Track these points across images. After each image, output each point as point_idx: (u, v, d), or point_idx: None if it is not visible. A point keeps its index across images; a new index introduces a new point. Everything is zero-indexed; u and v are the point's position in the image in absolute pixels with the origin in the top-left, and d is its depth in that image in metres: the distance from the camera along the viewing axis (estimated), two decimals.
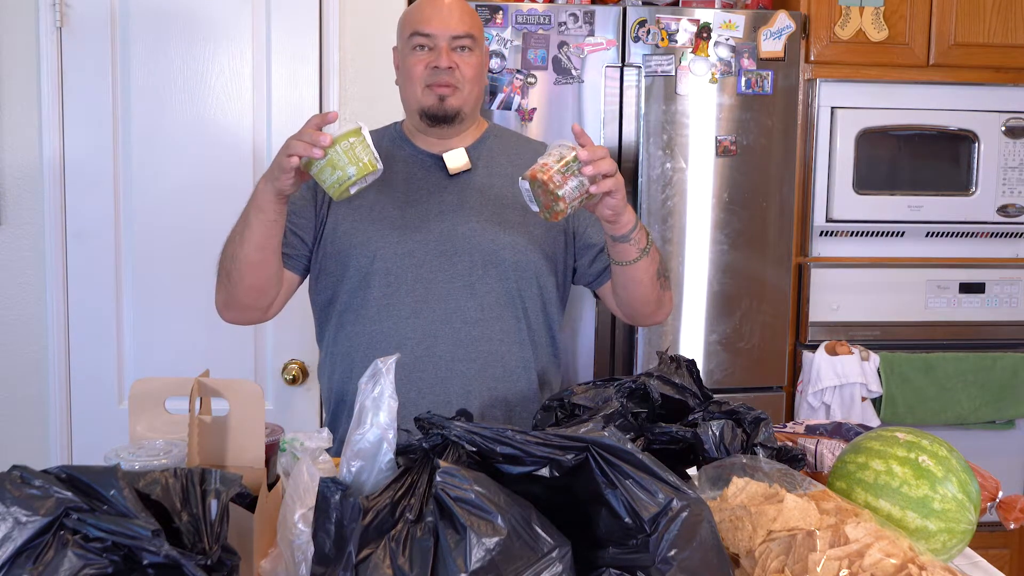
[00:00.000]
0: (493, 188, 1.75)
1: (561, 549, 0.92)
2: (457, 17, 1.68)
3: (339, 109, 2.46)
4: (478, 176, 1.76)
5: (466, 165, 1.74)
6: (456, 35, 1.67)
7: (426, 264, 1.69)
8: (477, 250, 1.70)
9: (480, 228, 1.71)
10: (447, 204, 1.73)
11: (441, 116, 1.70)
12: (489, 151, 1.79)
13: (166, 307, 2.44)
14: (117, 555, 0.91)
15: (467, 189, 1.74)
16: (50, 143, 2.37)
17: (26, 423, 2.44)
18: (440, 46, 1.67)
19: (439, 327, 1.69)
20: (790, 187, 2.68)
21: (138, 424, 1.26)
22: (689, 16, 2.59)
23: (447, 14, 1.68)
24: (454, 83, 1.68)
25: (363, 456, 1.01)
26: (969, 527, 1.23)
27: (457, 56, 1.68)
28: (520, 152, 1.81)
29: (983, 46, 2.78)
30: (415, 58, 1.68)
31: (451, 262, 1.70)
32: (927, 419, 2.74)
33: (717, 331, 2.67)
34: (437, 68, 1.66)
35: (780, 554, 1.04)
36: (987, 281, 2.84)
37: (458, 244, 1.70)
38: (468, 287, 1.70)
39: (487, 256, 1.71)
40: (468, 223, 1.71)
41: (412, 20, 1.70)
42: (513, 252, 1.72)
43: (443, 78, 1.67)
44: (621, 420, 1.37)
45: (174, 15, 2.39)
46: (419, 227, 1.71)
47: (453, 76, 1.67)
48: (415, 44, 1.68)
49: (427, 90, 1.69)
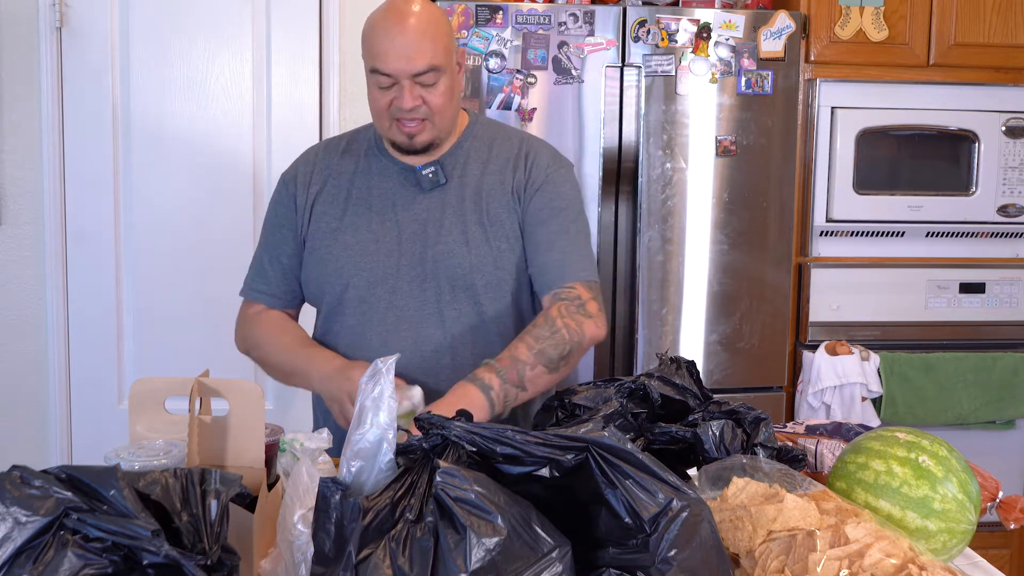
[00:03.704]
0: (464, 202, 1.67)
1: (561, 549, 0.92)
2: (415, 50, 1.54)
3: (339, 109, 2.46)
4: (452, 188, 1.68)
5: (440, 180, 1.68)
6: (417, 72, 1.55)
7: (398, 291, 1.65)
8: (445, 275, 1.64)
9: (448, 250, 1.64)
10: (420, 223, 1.66)
11: (412, 151, 1.64)
12: (464, 159, 1.70)
13: (166, 307, 2.44)
14: (117, 555, 0.91)
15: (440, 205, 1.67)
16: (50, 143, 2.37)
17: (26, 423, 2.44)
18: (403, 83, 1.55)
19: (409, 357, 1.62)
20: (790, 187, 2.68)
21: (138, 424, 1.26)
22: (689, 16, 2.59)
23: (404, 49, 1.53)
24: (421, 117, 1.59)
25: (363, 456, 1.01)
26: (969, 527, 1.23)
27: (422, 91, 1.56)
28: (496, 151, 1.72)
29: (983, 46, 2.78)
30: (378, 92, 1.58)
31: (421, 288, 1.65)
32: (927, 419, 2.74)
33: (717, 331, 2.67)
34: (400, 108, 1.57)
35: (780, 554, 1.04)
36: (987, 281, 2.84)
37: (428, 268, 1.64)
38: (437, 314, 1.65)
39: (455, 280, 1.64)
40: (438, 244, 1.65)
41: (370, 52, 1.57)
42: (482, 275, 1.65)
43: (409, 115, 1.58)
44: (621, 420, 1.37)
45: (174, 15, 2.39)
46: (392, 251, 1.65)
47: (420, 111, 1.58)
48: (377, 82, 1.57)
49: (395, 124, 1.60)
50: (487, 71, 2.52)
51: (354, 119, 2.46)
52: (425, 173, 1.66)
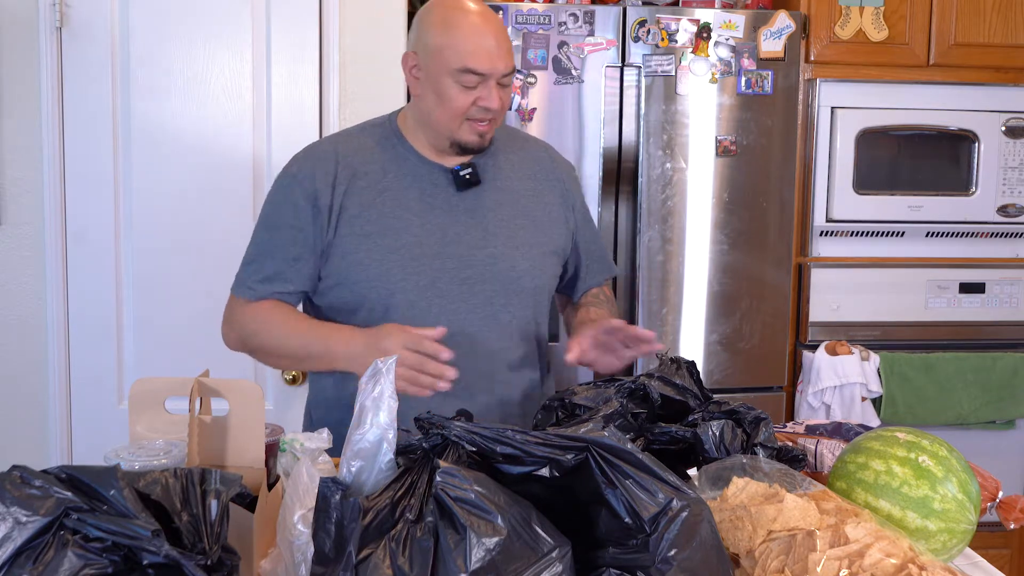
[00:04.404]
0: (503, 206, 1.70)
1: (561, 549, 0.92)
2: (506, 52, 1.60)
3: (339, 109, 2.46)
4: (487, 191, 1.69)
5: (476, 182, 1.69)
6: (507, 72, 1.60)
7: (447, 294, 1.64)
8: (497, 278, 1.66)
9: (499, 253, 1.67)
10: (462, 225, 1.66)
11: (476, 150, 1.66)
12: (495, 160, 1.73)
13: (166, 307, 2.44)
14: (117, 555, 0.91)
15: (479, 208, 1.68)
16: (50, 143, 2.37)
17: (26, 423, 2.44)
18: (491, 84, 1.59)
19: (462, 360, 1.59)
20: (790, 187, 2.68)
21: (138, 424, 1.26)
22: (689, 16, 2.59)
23: (498, 51, 1.58)
24: (496, 118, 1.64)
25: (363, 456, 1.01)
26: (969, 527, 1.23)
27: (500, 91, 1.61)
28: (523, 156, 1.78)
29: (983, 46, 2.78)
30: (462, 92, 1.59)
31: (472, 291, 1.65)
32: (927, 419, 2.74)
33: (717, 331, 2.67)
34: (487, 108, 1.60)
35: (780, 554, 1.04)
36: (987, 281, 2.84)
37: (478, 271, 1.65)
38: (490, 317, 1.66)
39: (507, 284, 1.67)
40: (486, 247, 1.66)
41: (462, 53, 1.57)
42: (532, 278, 1.70)
43: (490, 115, 1.61)
44: (621, 420, 1.37)
45: (174, 15, 2.39)
46: (438, 253, 1.64)
47: (496, 113, 1.62)
48: (464, 82, 1.58)
49: (468, 124, 1.61)
50: None
51: (354, 119, 2.46)
52: (463, 174, 1.67)
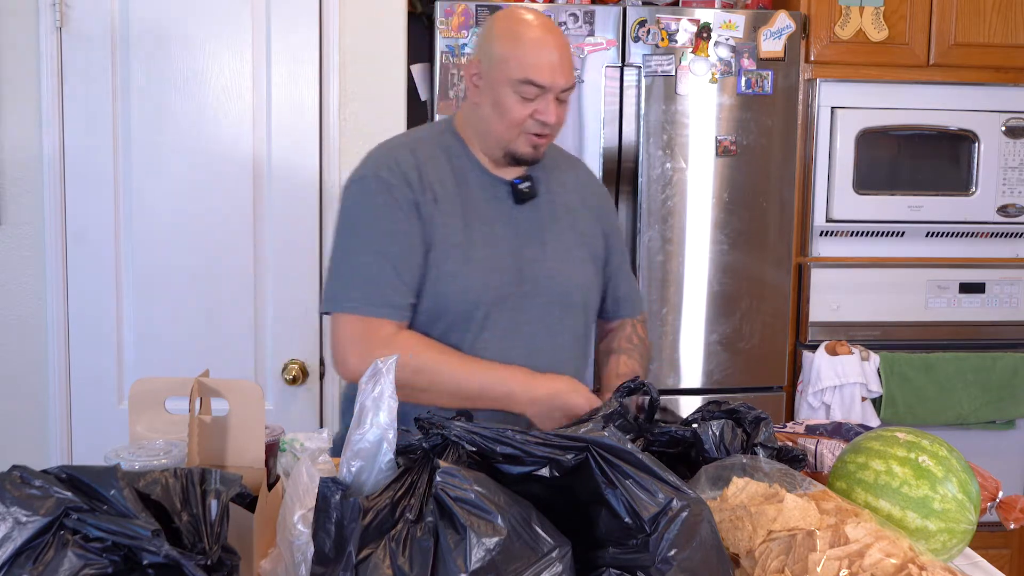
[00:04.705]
0: (558, 220, 1.73)
1: (561, 549, 0.92)
2: (567, 68, 1.62)
3: (339, 109, 2.46)
4: (542, 205, 1.72)
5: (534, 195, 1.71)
6: (567, 87, 1.62)
7: (518, 308, 1.66)
8: (554, 292, 1.68)
9: (556, 268, 1.70)
10: (522, 238, 1.69)
11: (529, 162, 1.67)
12: (544, 173, 1.75)
13: (166, 307, 2.44)
14: (117, 555, 0.91)
15: (536, 221, 1.71)
16: (50, 143, 2.37)
17: (26, 423, 2.44)
18: (550, 98, 1.60)
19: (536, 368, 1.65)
20: (790, 187, 2.68)
21: (138, 424, 1.26)
22: (689, 16, 2.59)
23: (560, 65, 1.60)
24: (553, 133, 1.65)
25: (363, 456, 1.01)
26: (969, 527, 1.23)
27: (557, 106, 1.63)
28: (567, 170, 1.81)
29: (983, 46, 2.78)
30: (520, 104, 1.60)
31: (533, 303, 1.67)
32: (927, 419, 2.74)
33: (717, 331, 2.67)
34: (544, 122, 1.61)
35: (780, 554, 1.04)
36: (987, 281, 2.84)
37: (537, 285, 1.68)
38: (546, 328, 1.68)
39: (562, 297, 1.69)
40: (544, 261, 1.69)
41: (524, 63, 1.59)
42: (583, 292, 1.73)
43: (546, 129, 1.63)
44: (621, 420, 1.37)
45: (174, 15, 2.39)
46: (508, 267, 1.66)
47: (553, 128, 1.64)
48: (523, 93, 1.59)
49: (524, 137, 1.63)
50: None
51: (354, 119, 2.46)
52: (523, 187, 1.69)
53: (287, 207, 2.45)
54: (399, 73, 2.50)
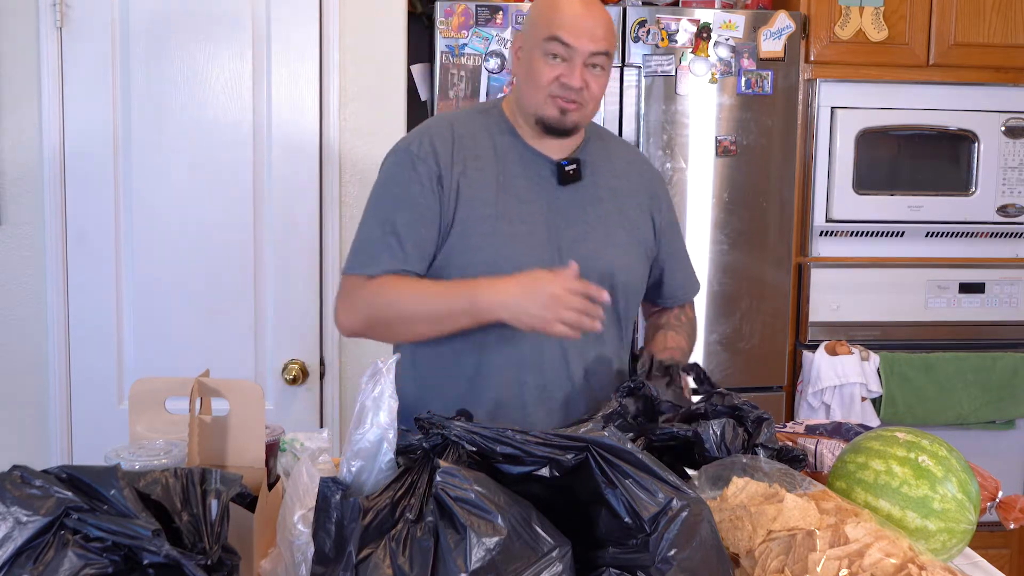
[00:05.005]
0: (603, 202, 1.72)
1: (561, 549, 0.92)
2: (601, 31, 1.59)
3: (339, 109, 2.46)
4: (586, 186, 1.71)
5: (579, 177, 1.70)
6: (595, 52, 1.59)
7: None
8: (595, 271, 1.66)
9: (598, 248, 1.69)
10: (563, 218, 1.68)
11: (559, 130, 1.65)
12: (593, 157, 1.74)
13: (166, 307, 2.44)
14: (117, 555, 0.91)
15: (580, 202, 1.70)
16: (50, 143, 2.37)
17: (26, 423, 2.44)
18: (576, 61, 1.58)
19: (568, 350, 1.65)
20: (790, 187, 2.68)
21: (138, 424, 1.26)
22: (689, 16, 2.59)
23: (592, 26, 1.58)
24: (580, 101, 1.61)
25: (363, 456, 1.01)
26: (969, 527, 1.23)
27: (589, 73, 1.59)
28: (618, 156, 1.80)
29: (983, 46, 2.78)
30: (547, 65, 1.59)
31: None
32: (927, 419, 2.74)
33: (717, 331, 2.67)
34: (567, 84, 1.58)
35: (780, 554, 1.04)
36: (987, 281, 2.84)
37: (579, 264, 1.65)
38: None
39: (604, 277, 1.68)
40: (586, 242, 1.68)
41: (554, 21, 1.58)
42: (626, 274, 1.72)
43: (571, 95, 1.60)
44: (621, 420, 1.37)
45: (174, 15, 2.39)
46: (543, 243, 1.66)
47: (580, 95, 1.60)
48: (550, 51, 1.58)
49: (550, 100, 1.61)
50: (487, 71, 2.52)
51: (354, 119, 2.46)
52: (568, 169, 1.68)
53: (287, 207, 2.45)
54: (399, 73, 2.50)
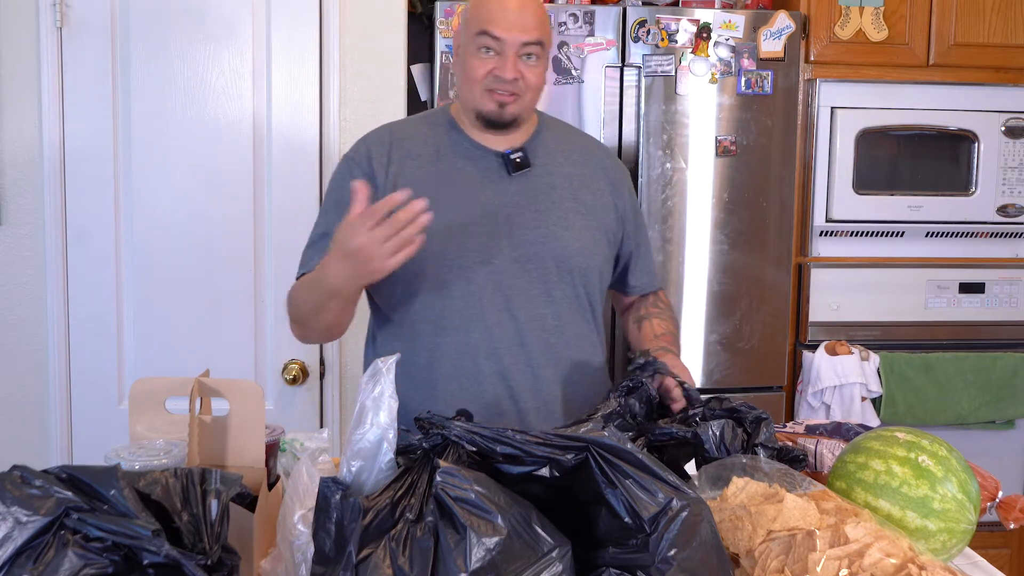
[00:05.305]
0: (556, 189, 1.72)
1: (561, 549, 0.92)
2: (530, 21, 1.60)
3: (339, 109, 2.46)
4: (538, 175, 1.72)
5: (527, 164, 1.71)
6: (526, 42, 1.59)
7: (503, 271, 1.66)
8: (550, 256, 1.68)
9: (550, 233, 1.69)
10: (514, 207, 1.69)
11: (498, 123, 1.66)
12: (545, 147, 1.75)
13: (166, 307, 2.44)
14: (117, 555, 0.91)
15: (531, 190, 1.71)
16: (50, 143, 2.37)
17: (26, 423, 2.44)
18: (507, 53, 1.58)
19: (524, 335, 1.66)
20: (790, 187, 2.68)
21: (138, 424, 1.26)
22: (689, 16, 2.59)
23: (519, 16, 1.58)
24: (517, 92, 1.62)
25: (363, 456, 1.01)
26: (969, 527, 1.23)
27: (523, 64, 1.60)
28: (574, 145, 1.80)
29: (983, 46, 2.78)
30: (478, 60, 1.60)
31: (525, 269, 1.67)
32: (927, 419, 2.74)
33: (717, 331, 2.67)
34: (500, 77, 1.59)
35: (780, 554, 1.04)
36: (987, 281, 2.84)
37: (531, 250, 1.68)
38: (545, 294, 1.68)
39: (560, 262, 1.69)
40: (538, 228, 1.69)
41: (482, 16, 1.60)
42: (583, 257, 1.72)
43: (506, 87, 1.60)
44: (620, 420, 1.37)
45: (174, 15, 2.39)
46: (491, 232, 1.67)
47: (516, 85, 1.61)
48: (481, 44, 1.59)
49: (487, 94, 1.62)
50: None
51: (354, 119, 2.46)
52: (513, 157, 1.69)
53: (287, 207, 2.45)
54: (399, 73, 2.50)
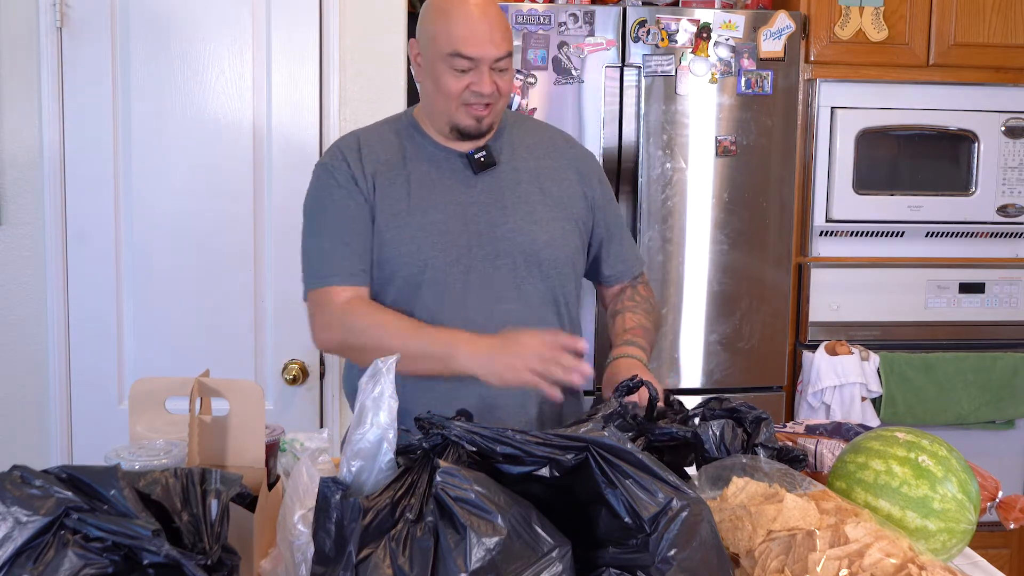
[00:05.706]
0: (521, 184, 1.74)
1: (561, 549, 0.92)
2: (500, 36, 1.63)
3: (339, 109, 2.46)
4: (503, 171, 1.74)
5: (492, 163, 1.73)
6: (500, 57, 1.63)
7: (473, 269, 1.69)
8: (519, 251, 1.70)
9: (518, 228, 1.71)
10: (482, 204, 1.71)
11: (476, 135, 1.69)
12: (510, 143, 1.77)
13: (166, 307, 2.44)
14: (117, 555, 0.91)
15: (497, 187, 1.73)
16: (50, 143, 2.37)
17: (26, 423, 2.44)
18: (483, 69, 1.62)
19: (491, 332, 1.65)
20: (790, 187, 2.68)
21: (138, 424, 1.26)
22: (689, 16, 2.59)
23: (490, 34, 1.61)
24: (491, 102, 1.66)
25: (363, 456, 1.01)
26: (969, 527, 1.23)
27: (497, 76, 1.64)
28: (538, 139, 1.81)
29: (983, 46, 2.78)
30: (454, 78, 1.63)
31: (494, 265, 1.69)
32: (927, 419, 2.74)
33: (717, 331, 2.67)
34: (479, 92, 1.63)
35: (780, 554, 1.04)
36: (987, 281, 2.84)
37: (500, 246, 1.70)
38: (514, 289, 1.70)
39: (528, 257, 1.71)
40: (506, 223, 1.71)
41: (453, 38, 1.62)
42: (551, 250, 1.73)
43: (483, 100, 1.64)
44: (620, 420, 1.37)
45: (174, 15, 2.39)
46: (462, 231, 1.69)
47: (492, 97, 1.65)
48: (455, 66, 1.62)
49: (464, 108, 1.65)
50: None
51: (354, 119, 2.46)
52: (477, 156, 1.72)
53: (287, 207, 2.44)
54: (399, 73, 2.50)
